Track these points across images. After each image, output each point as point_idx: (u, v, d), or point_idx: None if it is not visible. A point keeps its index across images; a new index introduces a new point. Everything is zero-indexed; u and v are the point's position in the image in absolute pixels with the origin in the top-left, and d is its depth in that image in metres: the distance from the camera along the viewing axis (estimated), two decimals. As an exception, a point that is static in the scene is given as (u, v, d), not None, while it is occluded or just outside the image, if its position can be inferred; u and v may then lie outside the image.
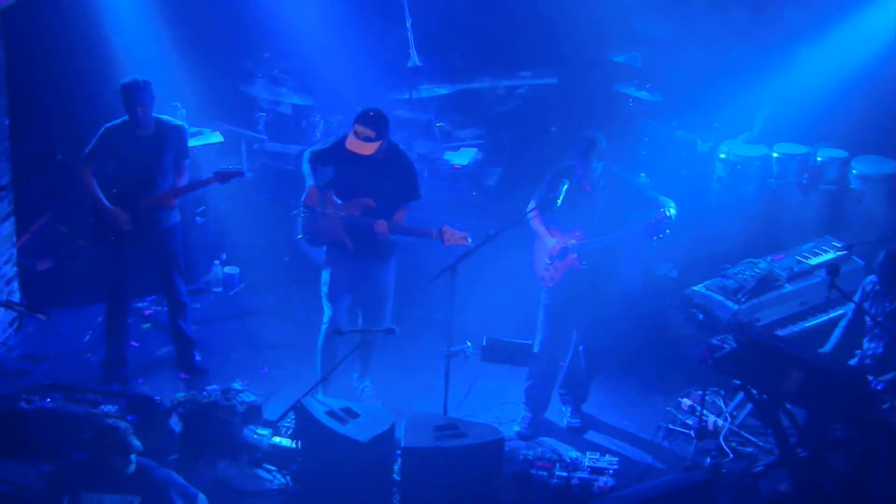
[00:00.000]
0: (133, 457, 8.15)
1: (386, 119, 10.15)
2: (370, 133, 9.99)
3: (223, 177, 10.84)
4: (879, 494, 9.32)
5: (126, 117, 10.57)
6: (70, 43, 12.70)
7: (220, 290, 12.82)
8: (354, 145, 10.03)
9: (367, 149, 10.02)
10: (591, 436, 10.75)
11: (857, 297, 10.28)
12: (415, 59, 12.96)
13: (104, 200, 10.57)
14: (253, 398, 10.39)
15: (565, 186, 9.97)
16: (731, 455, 10.29)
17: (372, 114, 10.08)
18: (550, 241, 10.29)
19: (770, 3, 13.72)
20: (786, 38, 13.56)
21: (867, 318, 10.14)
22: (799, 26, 13.41)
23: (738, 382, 10.15)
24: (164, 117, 10.87)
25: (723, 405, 10.85)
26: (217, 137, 13.02)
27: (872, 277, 10.25)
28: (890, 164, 12.41)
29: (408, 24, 12.96)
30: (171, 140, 10.70)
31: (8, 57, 11.53)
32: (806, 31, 13.37)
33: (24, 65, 12.26)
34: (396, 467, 9.41)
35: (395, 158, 10.37)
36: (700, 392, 10.49)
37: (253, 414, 10.28)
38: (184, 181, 10.86)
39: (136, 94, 10.43)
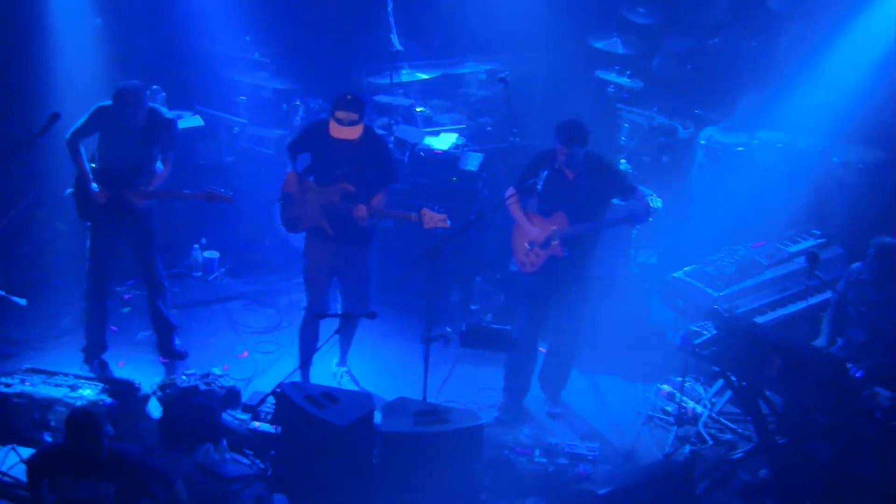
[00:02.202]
0: (105, 442, 8.08)
1: (363, 100, 10.16)
2: (353, 116, 9.97)
3: (210, 197, 10.73)
4: (861, 479, 9.35)
5: None
6: (51, 26, 12.61)
7: (199, 274, 12.80)
8: (340, 132, 9.99)
9: (354, 132, 10.01)
10: (571, 422, 10.77)
11: (841, 285, 10.32)
12: (396, 44, 12.91)
13: (90, 177, 10.50)
14: (232, 383, 10.43)
15: (545, 172, 9.96)
16: (710, 442, 10.34)
17: (350, 97, 10.06)
18: (533, 230, 10.27)
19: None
20: (768, 27, 13.56)
21: (850, 307, 10.19)
22: (781, 14, 13.39)
23: (718, 369, 10.18)
24: (159, 108, 10.80)
25: (702, 392, 10.90)
26: (197, 121, 12.99)
27: (858, 266, 10.29)
28: (871, 152, 12.41)
29: (389, 9, 12.90)
30: (161, 132, 10.61)
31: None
32: (788, 20, 13.37)
33: (3, 48, 12.22)
34: (376, 452, 9.40)
35: (372, 141, 10.35)
36: (679, 379, 10.52)
37: (232, 398, 10.29)
38: (167, 172, 10.78)
39: (126, 102, 10.33)
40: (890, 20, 12.10)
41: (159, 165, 10.75)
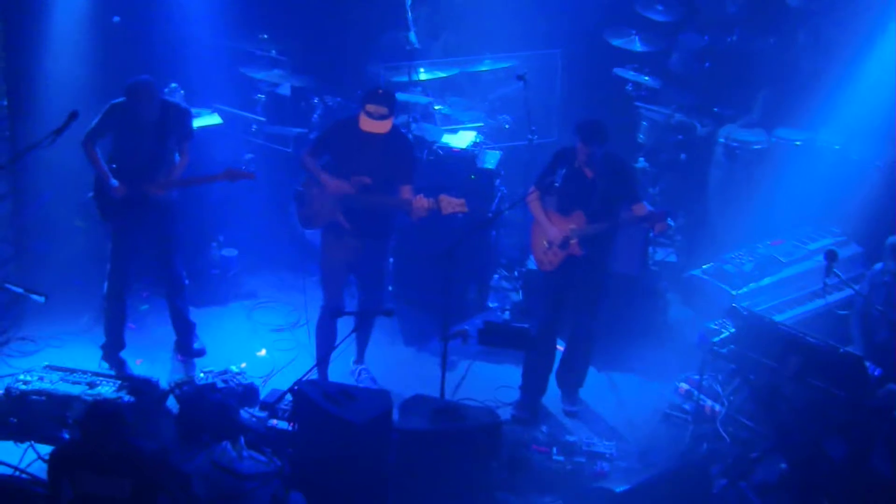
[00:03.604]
0: (124, 435, 8.11)
1: (394, 95, 10.18)
2: (383, 110, 9.98)
3: (233, 175, 10.76)
4: (875, 477, 9.34)
5: None
6: (70, 24, 12.64)
7: (217, 272, 12.75)
8: (370, 126, 9.99)
9: (384, 126, 10.02)
10: (589, 420, 10.77)
11: (865, 288, 10.34)
12: (414, 41, 12.91)
13: (109, 174, 10.52)
14: (250, 380, 10.44)
15: (564, 170, 9.97)
16: (728, 440, 10.28)
17: (381, 91, 10.11)
18: (552, 229, 10.25)
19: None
20: (786, 23, 13.52)
21: (873, 307, 10.19)
22: (799, 11, 13.35)
23: (736, 367, 10.17)
24: (170, 99, 10.85)
25: (720, 390, 10.84)
26: (216, 119, 12.98)
27: (881, 266, 10.30)
28: (890, 150, 12.36)
29: (408, 6, 12.90)
30: (176, 123, 10.65)
31: (6, 38, 11.53)
32: (806, 16, 13.34)
33: (24, 46, 12.25)
34: (393, 450, 9.40)
35: (399, 141, 10.39)
36: (697, 376, 10.49)
37: (250, 396, 10.32)
38: (185, 162, 10.81)
39: (138, 96, 10.37)
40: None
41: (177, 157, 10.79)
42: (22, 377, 10.00)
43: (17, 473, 9.28)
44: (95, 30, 12.72)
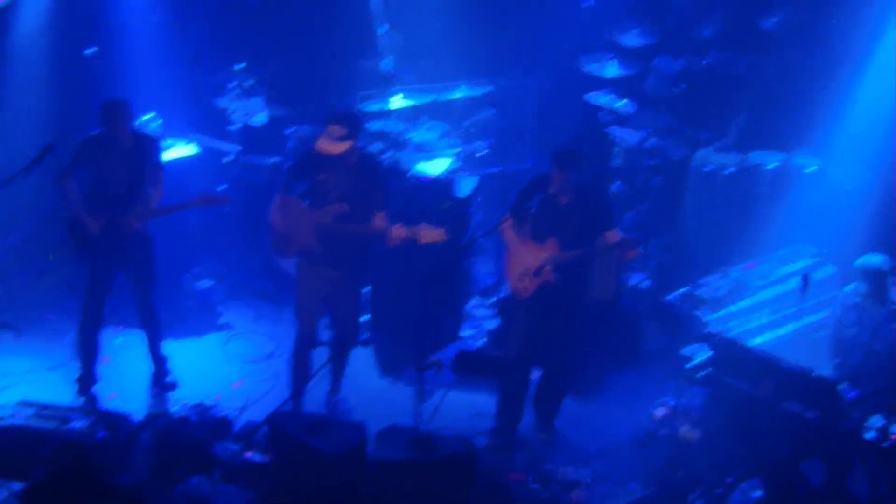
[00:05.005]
0: (99, 474, 8.07)
1: (358, 119, 10.18)
2: (342, 131, 9.96)
3: (207, 201, 10.80)
4: (852, 501, 9.34)
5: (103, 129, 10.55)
6: (38, 58, 12.67)
7: (192, 303, 12.74)
8: (326, 145, 9.99)
9: (339, 148, 9.98)
10: (565, 447, 10.75)
11: (838, 310, 10.36)
12: (389, 69, 12.92)
13: (82, 212, 10.50)
14: (225, 413, 10.39)
15: (539, 197, 9.97)
16: (704, 464, 10.26)
17: (340, 113, 10.11)
18: (526, 257, 10.24)
19: (742, 11, 13.66)
20: (760, 47, 13.56)
21: (846, 330, 10.22)
22: (773, 35, 13.39)
23: (711, 392, 10.16)
24: (139, 129, 10.86)
25: (696, 415, 10.83)
26: (192, 149, 12.96)
27: (851, 289, 10.32)
28: (864, 173, 12.39)
29: (381, 33, 12.92)
30: (148, 152, 10.69)
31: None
32: (780, 40, 13.37)
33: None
34: (369, 480, 9.36)
35: (368, 166, 10.39)
36: (673, 402, 10.48)
37: (225, 429, 10.25)
38: (160, 192, 10.80)
39: (115, 115, 10.38)
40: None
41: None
42: (-6, 413, 9.96)
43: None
44: (76, 60, 12.77)
